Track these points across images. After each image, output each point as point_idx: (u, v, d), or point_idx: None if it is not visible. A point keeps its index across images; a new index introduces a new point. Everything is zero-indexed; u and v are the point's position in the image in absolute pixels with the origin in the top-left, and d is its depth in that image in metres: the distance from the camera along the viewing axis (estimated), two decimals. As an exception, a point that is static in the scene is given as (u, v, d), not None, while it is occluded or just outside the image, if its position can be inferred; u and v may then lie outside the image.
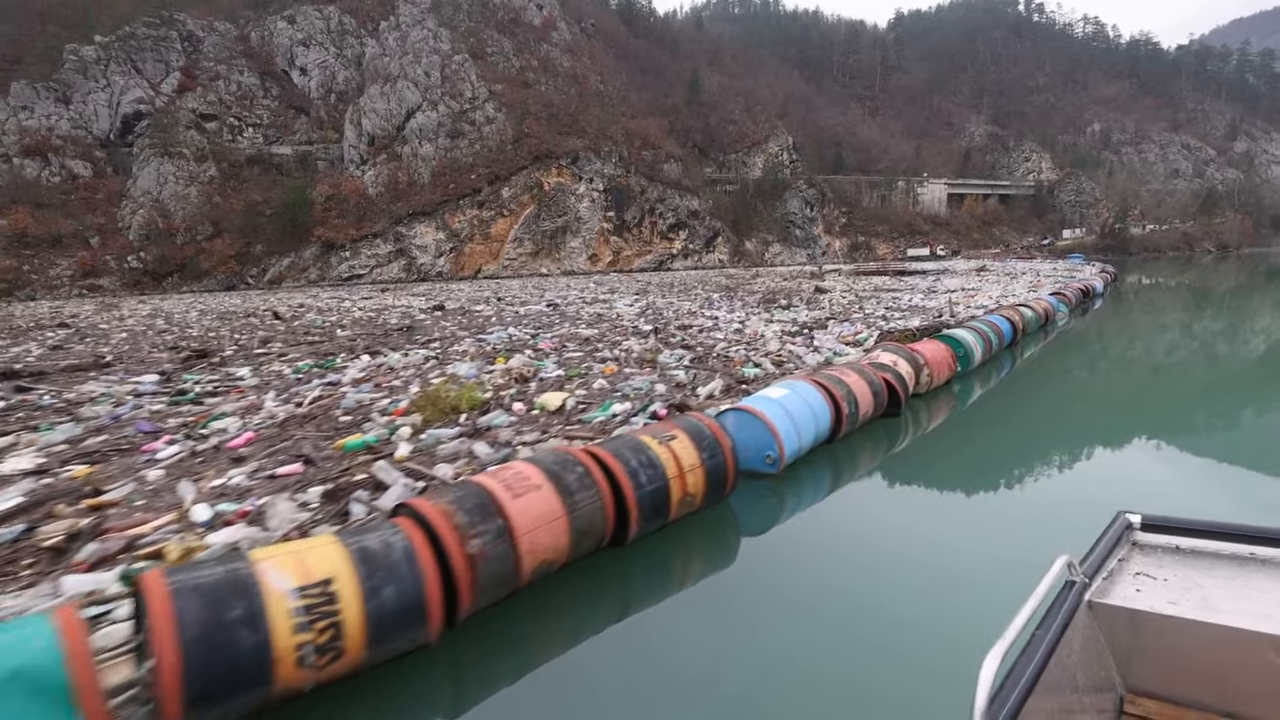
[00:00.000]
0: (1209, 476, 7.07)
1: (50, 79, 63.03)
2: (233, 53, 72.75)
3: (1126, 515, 2.63)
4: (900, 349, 9.30)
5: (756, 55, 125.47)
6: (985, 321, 12.55)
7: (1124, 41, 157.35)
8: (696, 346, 12.20)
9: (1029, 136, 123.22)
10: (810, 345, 11.69)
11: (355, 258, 64.65)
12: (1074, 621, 2.07)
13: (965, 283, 32.16)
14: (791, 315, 17.75)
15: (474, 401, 7.71)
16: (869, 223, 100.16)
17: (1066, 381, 12.68)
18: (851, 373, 7.82)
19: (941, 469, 7.52)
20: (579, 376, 9.53)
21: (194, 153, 64.32)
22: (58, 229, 57.23)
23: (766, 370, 9.66)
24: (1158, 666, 2.26)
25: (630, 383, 8.76)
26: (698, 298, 26.02)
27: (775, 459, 6.03)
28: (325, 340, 16.10)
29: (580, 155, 75.54)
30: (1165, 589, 2.32)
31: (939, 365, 9.60)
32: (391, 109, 71.16)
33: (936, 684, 3.14)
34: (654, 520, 5.03)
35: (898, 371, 8.57)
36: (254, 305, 30.97)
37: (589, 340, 13.75)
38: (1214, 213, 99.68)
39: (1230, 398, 11.30)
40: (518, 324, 18.22)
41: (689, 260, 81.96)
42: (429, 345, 13.84)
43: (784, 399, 6.43)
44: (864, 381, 7.70)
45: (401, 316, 22.44)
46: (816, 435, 6.72)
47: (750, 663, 3.83)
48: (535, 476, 4.33)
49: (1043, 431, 9.08)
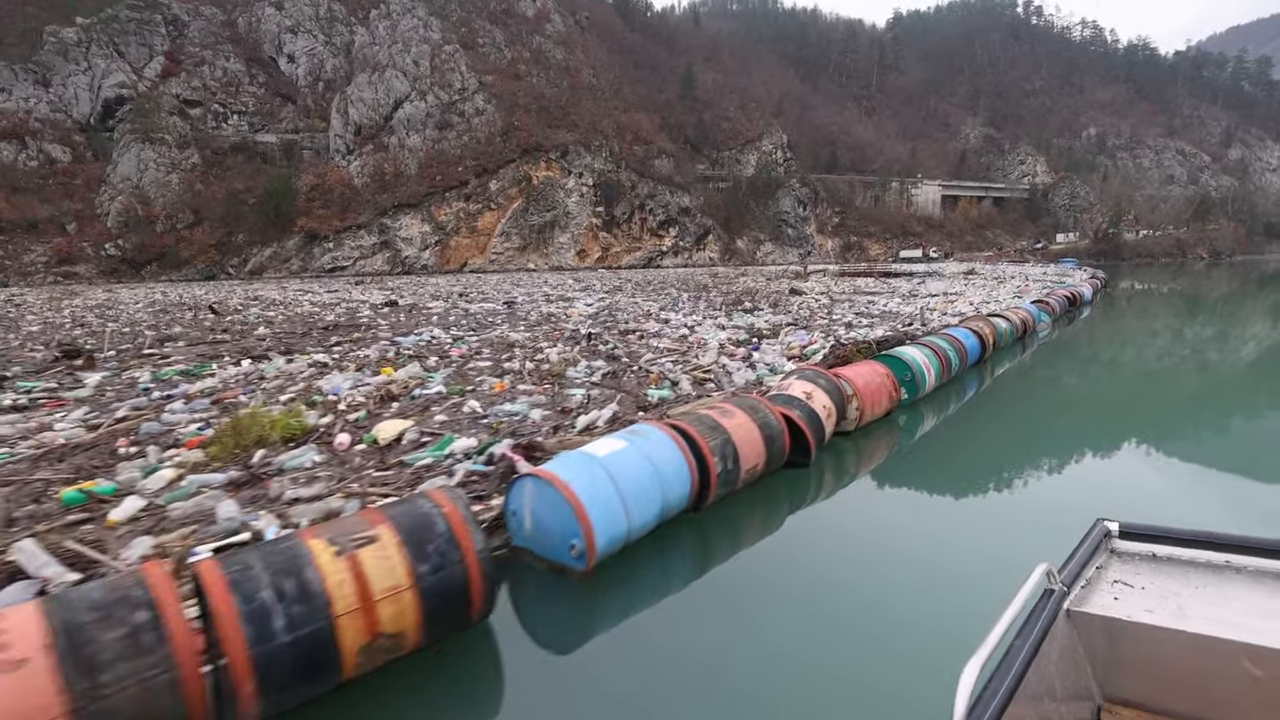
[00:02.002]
0: (1189, 483, 6.95)
1: (29, 61, 61.17)
2: (219, 38, 70.90)
3: (1105, 523, 2.57)
4: (820, 376, 7.28)
5: (753, 52, 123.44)
6: (946, 336, 10.49)
7: (1122, 46, 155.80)
8: (622, 357, 10.59)
9: (1024, 139, 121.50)
10: (748, 359, 10.06)
11: (339, 249, 62.90)
12: (1052, 630, 2.03)
13: (950, 287, 30.57)
14: (751, 320, 16.15)
15: (289, 430, 6.11)
16: (862, 223, 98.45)
17: (1047, 391, 12.14)
18: (739, 411, 5.88)
19: (927, 473, 7.33)
20: (458, 394, 7.93)
21: (176, 139, 62.47)
22: (34, 214, 55.40)
23: (681, 392, 8.04)
24: (1135, 675, 2.24)
25: (506, 406, 7.16)
26: (666, 298, 24.40)
27: (582, 551, 4.23)
28: (236, 339, 14.48)
29: (570, 149, 73.67)
30: (1142, 597, 2.28)
31: (874, 395, 7.72)
32: (379, 98, 69.29)
33: (924, 679, 3.07)
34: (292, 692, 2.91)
35: (809, 408, 6.63)
36: (204, 298, 29.43)
37: (512, 346, 12.15)
38: (1208, 219, 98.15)
39: (1214, 405, 11.06)
40: (456, 324, 16.60)
41: (679, 258, 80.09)
42: (332, 349, 12.22)
43: (613, 459, 4.60)
44: (753, 425, 5.80)
45: (346, 313, 20.81)
46: (664, 508, 4.86)
47: (746, 655, 3.86)
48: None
49: (1024, 439, 8.78)
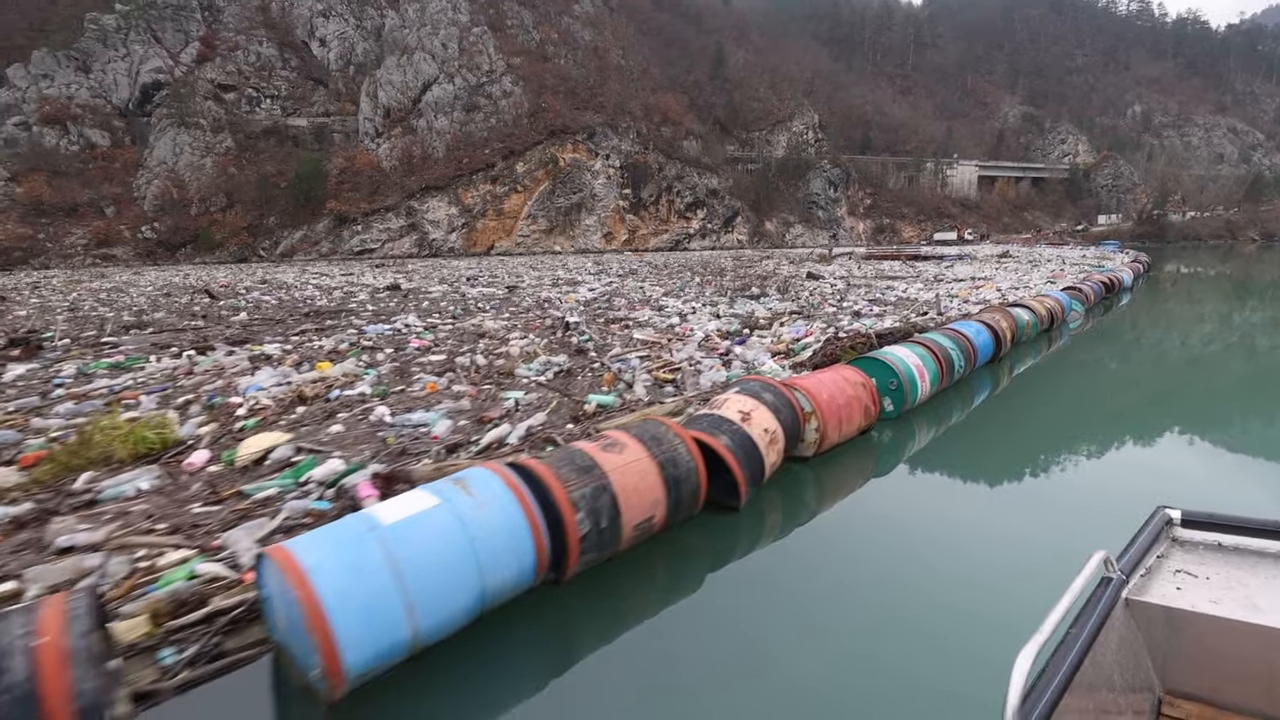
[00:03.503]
0: (1251, 472, 6.37)
1: (71, 47, 61.60)
2: (253, 23, 70.66)
3: (1166, 510, 2.44)
4: (767, 389, 5.47)
5: (784, 31, 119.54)
6: (951, 332, 8.64)
7: (1170, 20, 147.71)
8: (590, 350, 9.44)
9: (1065, 118, 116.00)
10: (727, 355, 8.81)
11: (367, 232, 62.61)
12: (1110, 619, 1.95)
13: (979, 271, 28.67)
14: (753, 307, 14.84)
15: (144, 445, 5.11)
16: (895, 205, 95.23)
17: (1072, 389, 10.83)
18: (632, 443, 4.12)
19: (974, 459, 6.88)
20: (381, 396, 6.89)
21: (211, 123, 62.61)
22: (74, 198, 56.03)
23: (631, 397, 6.86)
24: (1198, 668, 2.12)
25: (416, 414, 6.07)
26: (676, 282, 23.12)
27: (322, 675, 2.63)
28: (206, 326, 13.69)
29: (597, 131, 72.14)
30: (1207, 587, 2.16)
31: (842, 411, 5.97)
32: (408, 81, 68.55)
33: (976, 670, 2.72)
34: None
35: (743, 434, 4.87)
36: (217, 281, 29.04)
37: (482, 336, 11.08)
38: (1260, 200, 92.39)
39: (1269, 393, 10.13)
40: (444, 311, 15.62)
41: (707, 240, 78.25)
42: (291, 339, 11.29)
43: (403, 529, 2.95)
44: (650, 461, 4.08)
45: (343, 297, 20.01)
46: (485, 594, 3.23)
47: (799, 643, 3.63)
48: None
49: (1078, 425, 8.13)
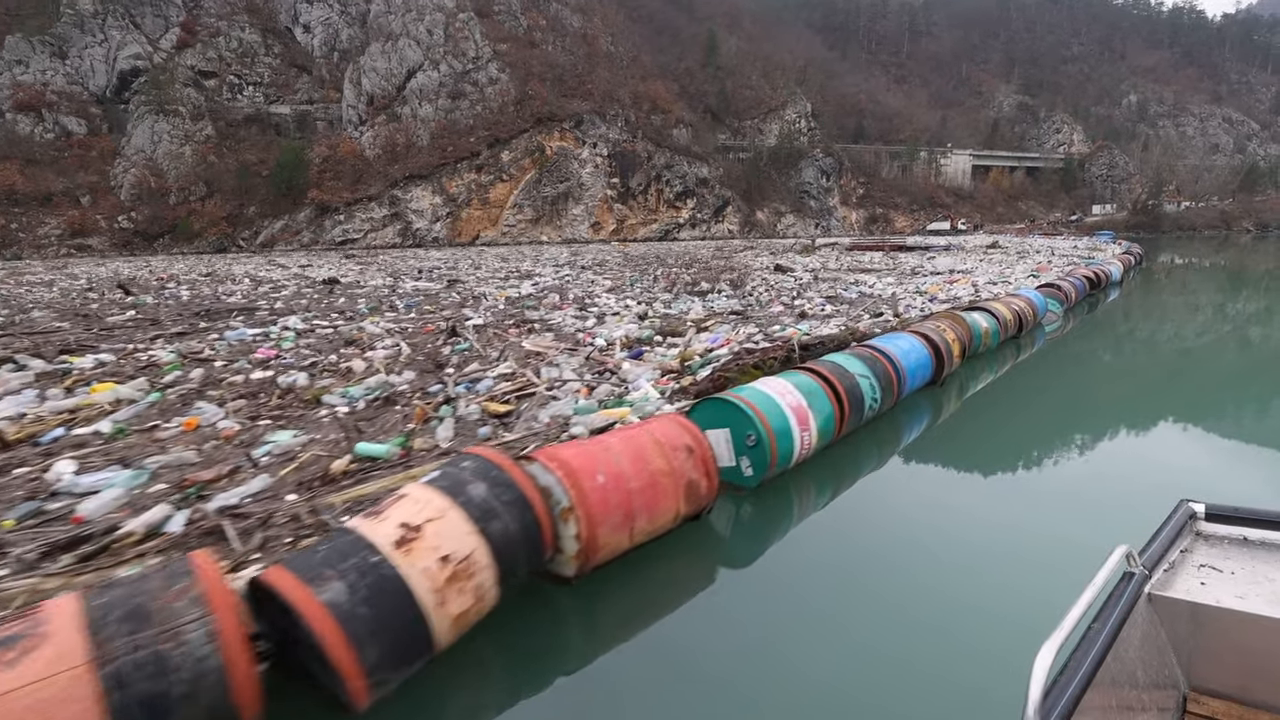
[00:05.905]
0: (1277, 466, 6.13)
1: (46, 33, 59.45)
2: (235, 8, 68.34)
3: (1189, 504, 2.36)
4: (485, 476, 3.34)
5: (777, 18, 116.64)
6: (868, 351, 6.66)
7: (1166, 9, 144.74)
8: (448, 368, 7.66)
9: (1061, 107, 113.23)
10: (607, 373, 7.02)
11: (349, 221, 60.66)
12: (1133, 615, 1.90)
13: (961, 263, 26.83)
14: (689, 306, 13.04)
15: None
16: (888, 194, 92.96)
17: (1102, 370, 10.64)
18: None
19: (992, 449, 6.65)
20: (120, 436, 5.13)
21: (190, 111, 60.49)
22: (48, 187, 54.10)
23: (425, 445, 5.07)
24: (1225, 664, 2.06)
25: (98, 477, 4.30)
26: (633, 275, 21.28)
27: None
28: (74, 329, 11.93)
29: (585, 118, 69.93)
30: (1233, 582, 2.09)
31: (635, 497, 3.80)
32: (392, 68, 66.34)
33: (995, 667, 2.71)
34: None
35: (385, 576, 2.80)
36: (160, 273, 27.28)
37: (349, 344, 9.31)
38: (1255, 190, 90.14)
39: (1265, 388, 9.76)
40: (345, 310, 13.83)
41: (697, 230, 76.13)
42: (137, 344, 9.52)
43: None
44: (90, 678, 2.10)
45: (269, 293, 18.22)
46: None
47: (810, 637, 3.56)
48: None
49: (1094, 420, 7.80)
